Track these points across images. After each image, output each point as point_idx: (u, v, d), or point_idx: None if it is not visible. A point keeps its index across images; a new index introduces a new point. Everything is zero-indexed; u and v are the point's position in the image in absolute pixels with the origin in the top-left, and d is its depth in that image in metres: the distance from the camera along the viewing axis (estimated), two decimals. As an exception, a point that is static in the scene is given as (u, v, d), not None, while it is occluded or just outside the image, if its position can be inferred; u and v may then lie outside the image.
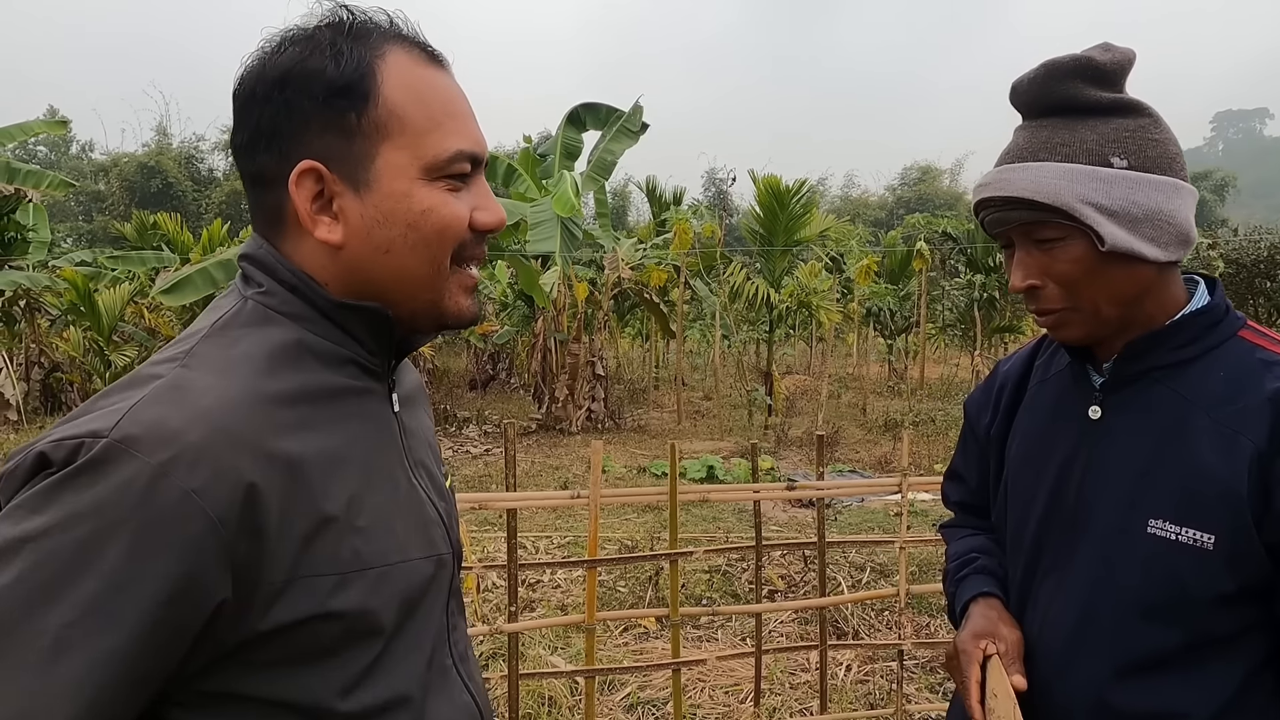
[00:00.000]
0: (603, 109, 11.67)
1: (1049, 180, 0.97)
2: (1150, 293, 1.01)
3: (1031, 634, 1.10)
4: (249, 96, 0.77)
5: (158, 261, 14.07)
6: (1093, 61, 0.98)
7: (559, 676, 3.05)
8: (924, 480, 2.88)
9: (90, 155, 47.41)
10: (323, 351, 0.78)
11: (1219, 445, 0.95)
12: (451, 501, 0.94)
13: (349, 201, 0.77)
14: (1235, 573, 0.94)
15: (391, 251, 0.78)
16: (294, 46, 0.76)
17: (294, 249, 0.80)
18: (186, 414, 0.66)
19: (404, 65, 0.78)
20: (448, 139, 0.78)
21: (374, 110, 0.76)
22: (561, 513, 6.44)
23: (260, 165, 0.78)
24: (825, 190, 54.76)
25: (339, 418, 0.77)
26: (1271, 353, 0.99)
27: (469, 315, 0.84)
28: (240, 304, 0.78)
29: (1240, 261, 12.40)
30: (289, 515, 0.69)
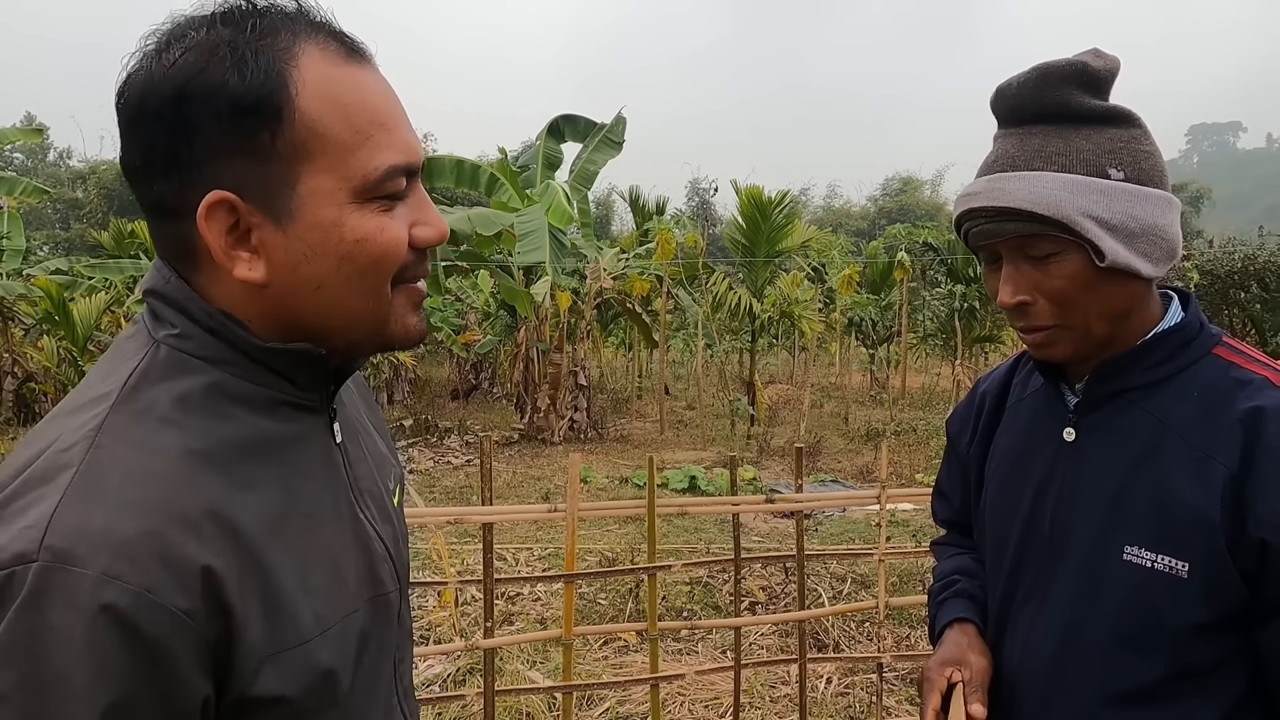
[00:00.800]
0: (581, 121, 11.70)
1: (1048, 191, 0.92)
2: (1136, 310, 0.98)
3: (1012, 661, 1.08)
4: (137, 112, 0.66)
5: (135, 270, 13.90)
6: (1088, 67, 0.95)
7: (537, 692, 3.01)
8: (903, 492, 2.87)
9: (68, 163, 46.91)
10: (250, 396, 0.70)
11: (1192, 469, 0.92)
12: (399, 522, 0.88)
13: (269, 234, 0.67)
14: (1211, 600, 0.91)
15: (324, 287, 0.69)
16: (188, 53, 0.64)
17: (209, 283, 0.70)
18: (114, 508, 0.58)
19: (321, 68, 0.67)
20: (378, 154, 0.68)
21: (290, 128, 0.65)
22: (543, 524, 6.39)
23: (159, 193, 0.67)
24: (808, 201, 55.13)
25: (276, 469, 0.69)
26: (1246, 370, 0.96)
27: (416, 334, 0.76)
28: (151, 350, 0.68)
29: (1215, 273, 12.54)
30: (247, 590, 0.63)
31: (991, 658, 1.11)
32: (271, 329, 0.71)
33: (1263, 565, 0.88)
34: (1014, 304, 0.98)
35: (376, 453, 0.88)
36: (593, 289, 11.36)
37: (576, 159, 11.73)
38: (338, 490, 0.76)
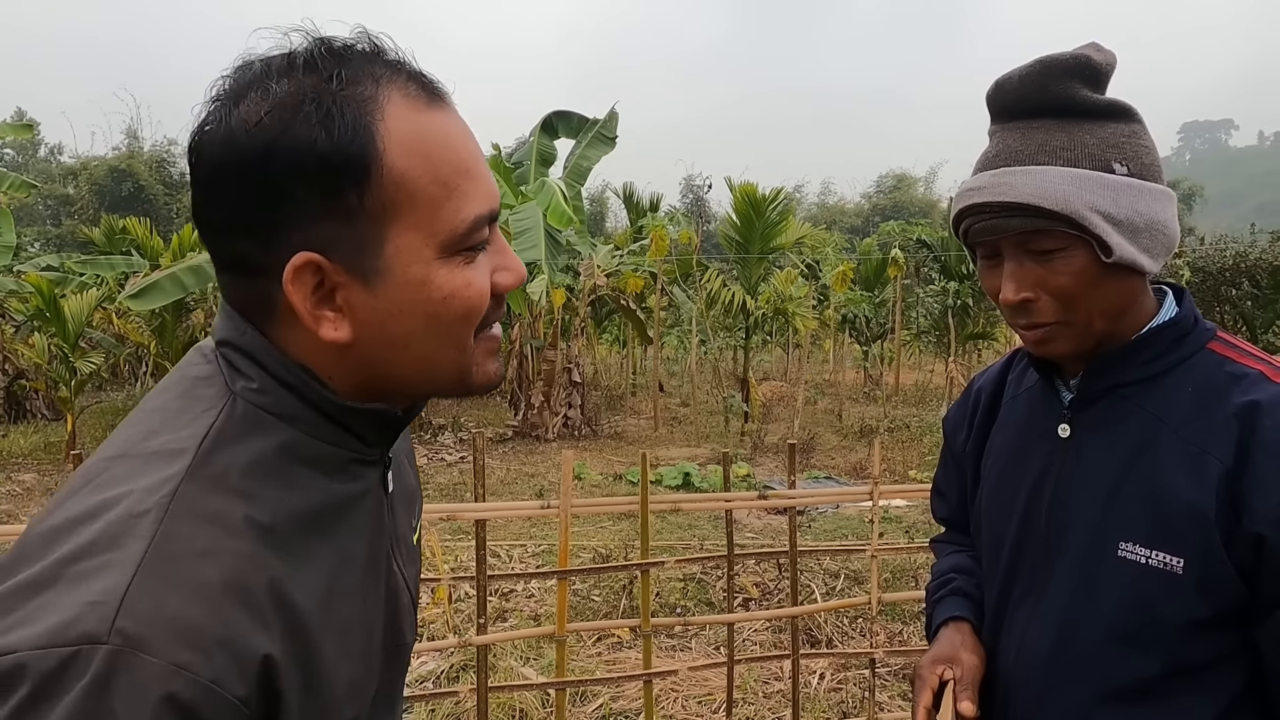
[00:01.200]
0: (574, 117, 11.68)
1: (1056, 185, 0.90)
2: (1133, 304, 0.98)
3: (1008, 659, 1.08)
4: (218, 170, 0.63)
5: (127, 266, 13.83)
6: (1090, 60, 0.94)
7: (530, 689, 3.02)
8: (896, 488, 2.88)
9: (59, 159, 46.63)
10: (320, 457, 0.68)
11: (1187, 464, 0.92)
12: (418, 561, 0.87)
13: (356, 294, 0.65)
14: (1207, 597, 0.91)
15: (410, 345, 0.67)
16: (272, 110, 0.61)
17: (287, 338, 0.67)
18: (187, 593, 0.56)
19: (406, 118, 0.64)
20: (464, 205, 0.66)
21: (378, 186, 0.63)
22: (536, 520, 6.39)
23: (239, 251, 0.65)
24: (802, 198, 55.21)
25: (333, 536, 0.68)
26: (1240, 365, 0.95)
27: (495, 379, 0.74)
28: (229, 404, 0.65)
29: (1206, 269, 12.60)
30: (295, 671, 0.62)
31: (985, 656, 1.11)
32: (350, 385, 0.69)
33: (1259, 561, 0.88)
34: (1017, 301, 0.96)
35: (409, 488, 0.87)
36: (587, 286, 11.35)
37: (570, 155, 11.71)
38: (380, 545, 0.75)
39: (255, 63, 0.65)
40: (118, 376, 15.75)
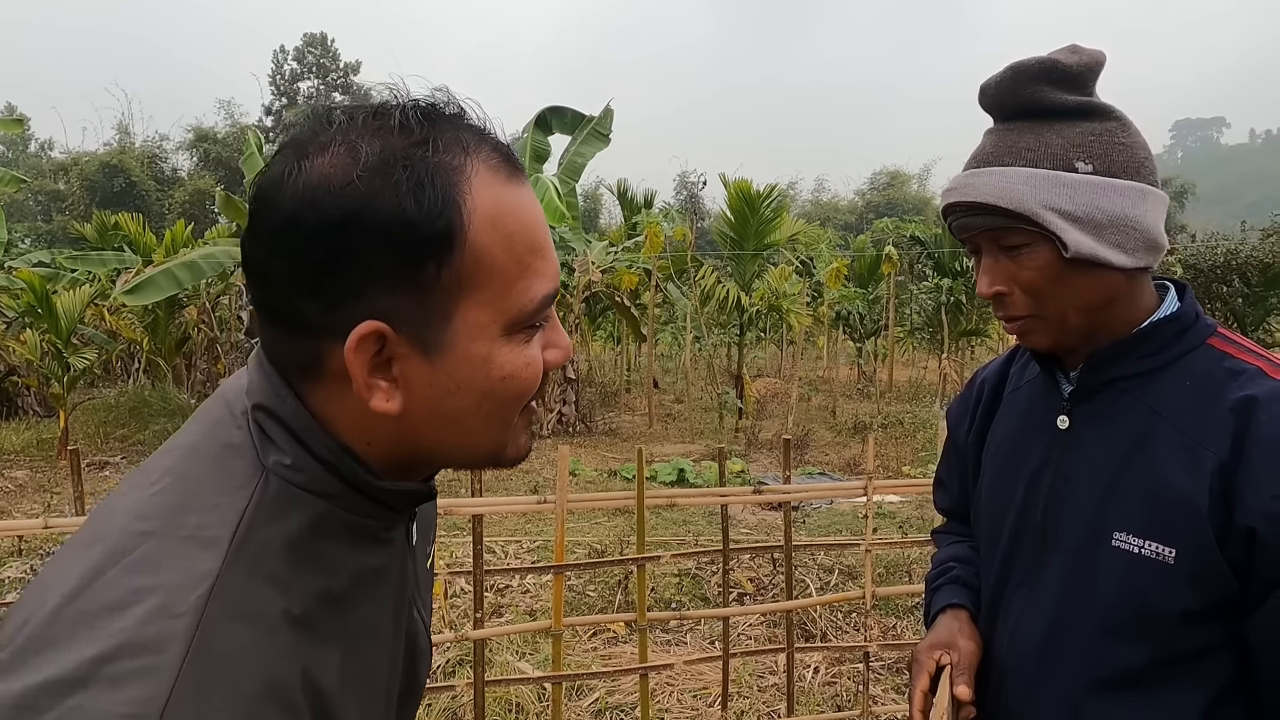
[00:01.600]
0: (568, 113, 11.66)
1: (1012, 185, 0.95)
2: (1119, 300, 0.99)
3: (1002, 646, 1.09)
4: (290, 226, 0.59)
5: (119, 262, 13.77)
6: (1059, 64, 0.97)
7: (526, 683, 3.03)
8: (890, 483, 2.90)
9: (50, 154, 46.42)
10: (349, 529, 0.65)
11: (1182, 458, 0.93)
12: (431, 583, 0.86)
13: (415, 366, 0.62)
14: (1198, 588, 0.92)
15: (463, 422, 0.65)
16: (365, 174, 0.58)
17: (326, 400, 0.64)
18: (231, 700, 0.54)
19: (490, 191, 0.62)
20: (535, 285, 0.63)
21: (458, 260, 0.60)
22: (531, 516, 6.40)
23: (297, 309, 0.61)
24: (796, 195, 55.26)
25: (362, 609, 0.66)
26: (1239, 361, 0.97)
27: (525, 452, 0.71)
28: (263, 484, 0.62)
29: (1198, 267, 12.68)
30: None
31: (981, 643, 1.12)
32: (386, 454, 0.66)
33: (1250, 554, 0.89)
34: (991, 294, 1.01)
35: (427, 518, 0.85)
36: (581, 282, 11.35)
37: (565, 152, 11.69)
38: (403, 600, 0.73)
39: (337, 112, 0.62)
40: (110, 373, 15.69)
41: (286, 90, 47.28)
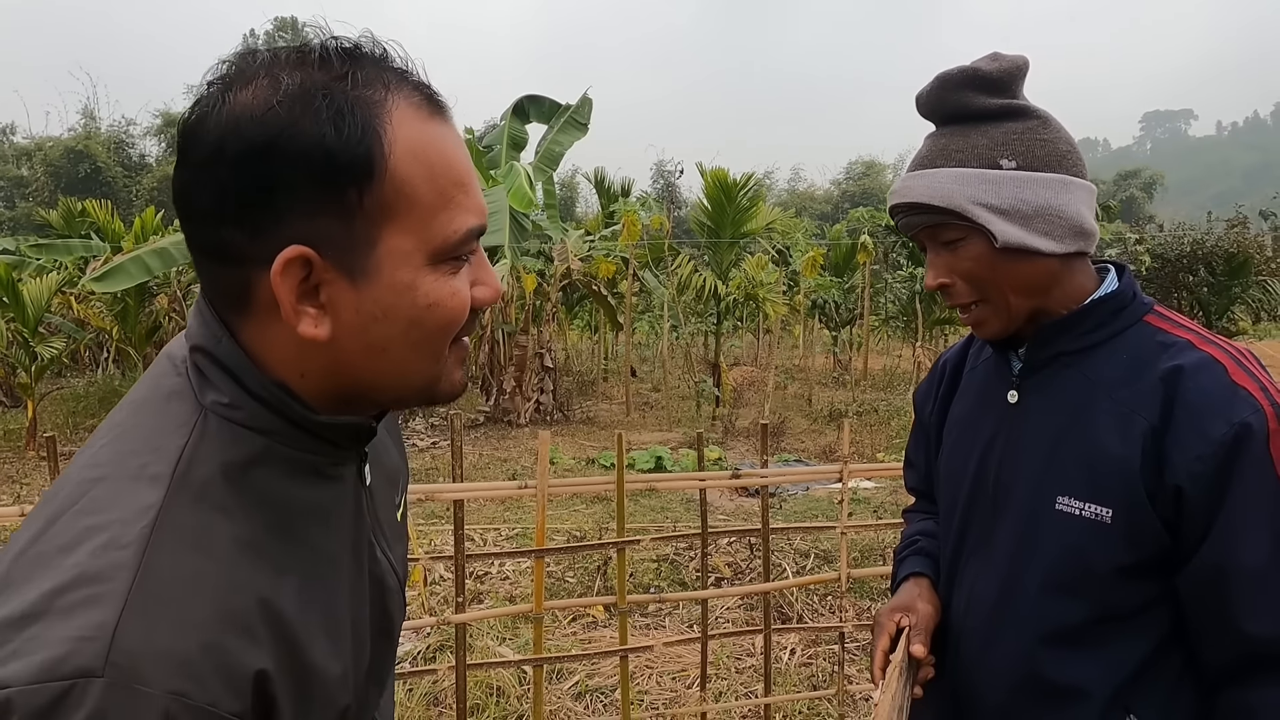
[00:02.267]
0: (546, 102, 11.62)
1: (943, 185, 1.03)
2: (1056, 283, 1.06)
3: (958, 611, 1.15)
4: (214, 155, 0.61)
5: (86, 250, 13.51)
6: (979, 72, 1.04)
7: (507, 666, 3.06)
8: (865, 468, 2.95)
9: (11, 139, 45.32)
10: (295, 465, 0.68)
11: (1117, 424, 1.00)
12: (405, 539, 0.89)
13: (341, 292, 0.65)
14: (1132, 545, 0.99)
15: (389, 350, 0.67)
16: (284, 101, 0.61)
17: (258, 334, 0.66)
18: (176, 623, 0.56)
19: (412, 125, 0.65)
20: (458, 216, 0.67)
21: (380, 187, 0.63)
22: (510, 504, 6.42)
23: (225, 239, 0.63)
24: (772, 184, 55.40)
25: (312, 540, 0.68)
26: (1170, 335, 1.04)
27: (460, 388, 0.74)
28: (200, 420, 0.65)
29: (1165, 256, 12.93)
30: (288, 678, 0.62)
31: (939, 606, 1.19)
32: (321, 387, 0.69)
33: (1179, 512, 0.97)
34: (935, 285, 1.09)
35: (391, 467, 0.87)
36: (558, 271, 11.33)
37: (541, 140, 11.66)
38: (361, 537, 0.75)
39: (261, 51, 0.64)
40: (78, 362, 15.43)
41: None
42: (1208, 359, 0.99)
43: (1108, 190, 52.76)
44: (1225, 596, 0.95)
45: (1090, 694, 1.02)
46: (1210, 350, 1.01)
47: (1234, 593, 0.95)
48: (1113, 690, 1.02)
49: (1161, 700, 1.02)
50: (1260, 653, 0.94)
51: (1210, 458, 0.94)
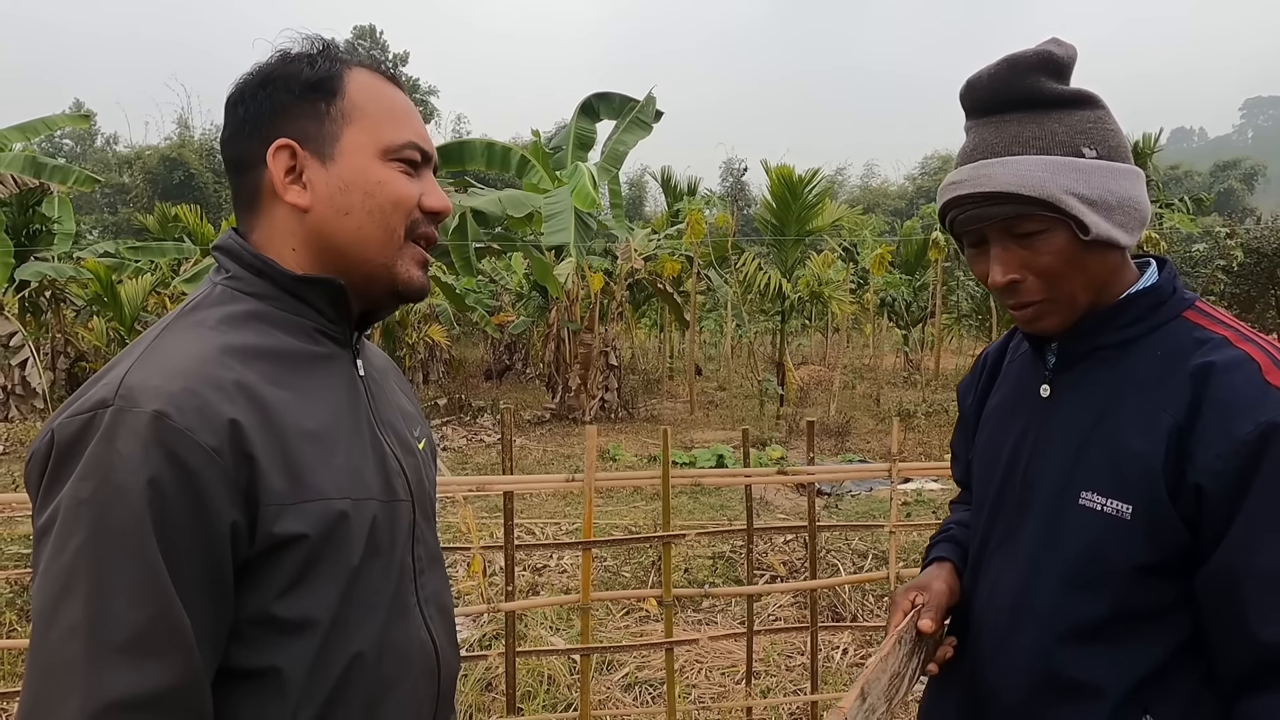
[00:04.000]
0: (615, 98, 11.70)
1: (1033, 173, 0.97)
2: (1115, 275, 1.04)
3: (980, 604, 1.15)
4: (238, 96, 0.91)
5: (178, 253, 14.28)
6: (1053, 55, 1.00)
7: (555, 654, 3.14)
8: (913, 466, 2.92)
9: (114, 148, 48.02)
10: (284, 321, 0.89)
11: (1143, 421, 0.98)
12: (422, 459, 1.03)
13: (316, 172, 0.89)
14: (1151, 543, 0.96)
15: (351, 214, 0.90)
16: (280, 60, 0.92)
17: (264, 223, 0.91)
18: (166, 371, 0.78)
19: (367, 78, 0.93)
20: (401, 130, 0.92)
21: (341, 101, 0.90)
22: (572, 500, 6.53)
23: (243, 150, 0.91)
24: (844, 180, 54.51)
25: (304, 375, 0.87)
26: (1207, 331, 1.01)
27: (418, 285, 0.94)
28: (209, 289, 0.90)
29: (1261, 251, 12.22)
30: (268, 447, 0.79)
31: (957, 588, 1.20)
32: (306, 257, 0.91)
33: (1199, 510, 0.94)
34: (1005, 283, 1.03)
35: (404, 408, 1.06)
36: (623, 269, 11.43)
37: (607, 140, 11.76)
38: (358, 409, 0.93)
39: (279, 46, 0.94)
40: (172, 359, 16.27)
41: (338, 83, 48.15)
42: (1242, 356, 0.96)
43: (1203, 182, 50.14)
44: (1240, 600, 0.92)
45: (1106, 692, 1.00)
46: (1246, 348, 0.97)
47: (1249, 596, 0.92)
48: (1129, 689, 1.00)
49: (1182, 705, 0.99)
50: (1269, 659, 0.91)
51: (1232, 455, 0.91)
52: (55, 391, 12.40)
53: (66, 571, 0.72)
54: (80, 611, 0.71)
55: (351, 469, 0.87)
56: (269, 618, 0.80)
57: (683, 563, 4.91)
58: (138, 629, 0.72)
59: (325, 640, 0.83)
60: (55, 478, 0.75)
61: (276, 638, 0.81)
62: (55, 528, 0.74)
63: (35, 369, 11.45)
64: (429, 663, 0.95)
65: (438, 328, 14.94)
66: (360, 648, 0.85)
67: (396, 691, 0.90)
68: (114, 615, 0.72)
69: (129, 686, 0.71)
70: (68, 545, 0.73)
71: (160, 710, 0.73)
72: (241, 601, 0.79)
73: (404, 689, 0.91)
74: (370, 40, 49.54)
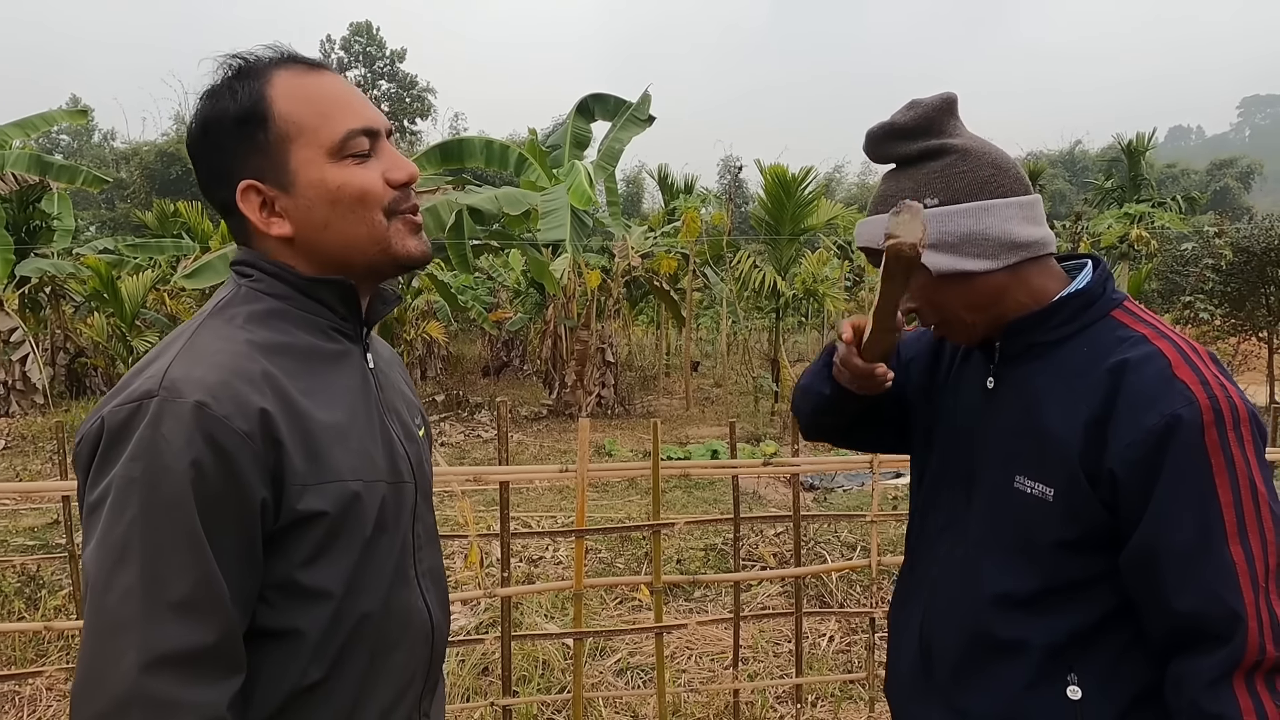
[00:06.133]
0: (611, 99, 11.80)
1: (874, 230, 1.16)
2: (1007, 293, 1.16)
3: (932, 577, 1.27)
4: (192, 151, 0.98)
5: (177, 249, 14.36)
6: (894, 125, 1.17)
7: (549, 638, 3.25)
8: (896, 459, 3.03)
9: (112, 144, 47.96)
10: (302, 319, 0.98)
11: (1067, 412, 1.09)
12: (422, 444, 1.13)
13: (285, 201, 0.96)
14: (1071, 522, 1.08)
15: (330, 225, 0.96)
16: (207, 100, 0.96)
17: (263, 250, 1.00)
18: (204, 365, 0.87)
19: (288, 81, 0.96)
20: (337, 125, 0.95)
21: (273, 124, 0.94)
22: (567, 494, 6.64)
23: (220, 197, 0.98)
24: (842, 178, 54.56)
25: (319, 369, 0.97)
26: (1129, 329, 1.12)
27: (419, 252, 1.01)
28: (235, 289, 0.99)
29: (1251, 249, 12.30)
30: (292, 433, 0.89)
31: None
32: (310, 269, 0.99)
33: (1115, 493, 1.05)
34: (907, 311, 1.20)
35: (407, 399, 1.15)
36: (620, 267, 11.53)
37: (604, 139, 11.86)
38: (368, 399, 1.03)
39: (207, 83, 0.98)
40: (171, 355, 16.33)
41: (336, 79, 47.98)
42: (1154, 352, 1.06)
43: (1200, 180, 50.19)
44: (1156, 575, 1.03)
45: (1032, 650, 1.12)
46: (1160, 344, 1.07)
47: (1163, 572, 1.02)
48: (1054, 650, 1.11)
49: (1106, 665, 1.10)
50: (1185, 626, 1.01)
51: (1141, 444, 1.01)
52: (55, 387, 12.48)
53: (121, 541, 0.82)
54: (135, 576, 0.82)
55: (363, 454, 0.97)
56: (292, 584, 0.91)
57: (675, 554, 5.02)
58: (185, 592, 0.83)
59: (339, 605, 0.93)
60: (106, 459, 0.85)
61: (299, 601, 0.91)
62: (108, 503, 0.83)
63: (35, 364, 11.54)
64: (424, 628, 1.05)
65: (436, 324, 15.03)
66: (368, 609, 0.96)
67: (396, 651, 1.01)
68: (164, 579, 0.82)
69: (178, 641, 0.82)
70: (121, 518, 0.82)
71: (203, 662, 0.83)
72: (269, 569, 0.90)
73: (402, 650, 1.01)
74: (366, 37, 49.49)
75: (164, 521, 0.83)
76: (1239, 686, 0.97)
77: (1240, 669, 0.97)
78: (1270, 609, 0.97)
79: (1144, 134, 16.08)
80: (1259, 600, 0.98)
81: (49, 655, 3.62)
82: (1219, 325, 13.08)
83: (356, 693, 0.96)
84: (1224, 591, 0.98)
